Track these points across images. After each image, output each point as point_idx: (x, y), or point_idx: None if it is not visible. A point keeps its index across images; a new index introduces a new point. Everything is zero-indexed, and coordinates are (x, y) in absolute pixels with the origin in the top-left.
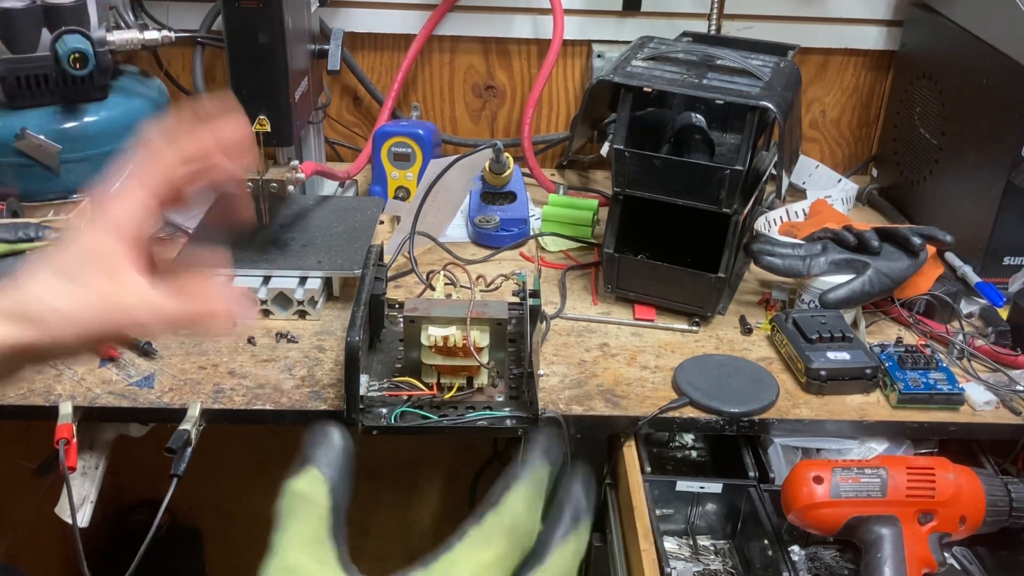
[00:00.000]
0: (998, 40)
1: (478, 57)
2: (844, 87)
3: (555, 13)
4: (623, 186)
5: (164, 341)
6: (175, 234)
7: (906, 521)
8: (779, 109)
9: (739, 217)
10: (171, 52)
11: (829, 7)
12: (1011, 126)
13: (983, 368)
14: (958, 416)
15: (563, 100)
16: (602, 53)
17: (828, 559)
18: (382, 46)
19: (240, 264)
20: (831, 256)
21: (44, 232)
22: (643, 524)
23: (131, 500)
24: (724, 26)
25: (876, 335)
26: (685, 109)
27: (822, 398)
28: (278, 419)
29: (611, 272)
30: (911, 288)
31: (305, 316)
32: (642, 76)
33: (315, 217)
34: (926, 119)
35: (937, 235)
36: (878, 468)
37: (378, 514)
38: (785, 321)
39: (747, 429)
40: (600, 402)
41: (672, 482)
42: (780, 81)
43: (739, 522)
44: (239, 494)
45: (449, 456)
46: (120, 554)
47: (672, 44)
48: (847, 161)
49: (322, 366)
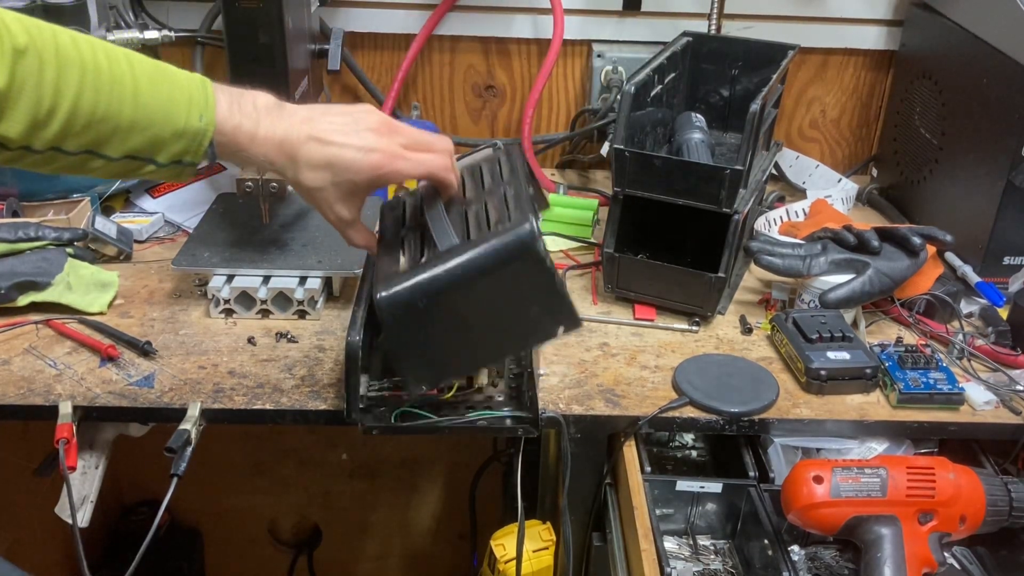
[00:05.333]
0: (998, 40)
1: (478, 57)
2: (844, 87)
3: (555, 13)
4: (623, 186)
5: (164, 341)
6: (175, 233)
7: (906, 521)
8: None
9: (739, 217)
10: (171, 52)
11: (829, 7)
12: (1011, 126)
13: (983, 368)
14: (958, 416)
15: (563, 100)
16: (602, 53)
17: (828, 559)
18: (382, 46)
19: (240, 264)
20: (831, 256)
21: (44, 232)
22: (643, 524)
23: (131, 500)
24: (724, 26)
25: (876, 335)
26: (685, 109)
27: (822, 398)
28: (278, 419)
29: (611, 272)
30: (911, 288)
31: (305, 316)
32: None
33: (315, 217)
34: (926, 119)
35: (937, 235)
36: (878, 468)
37: (378, 514)
38: (785, 321)
39: (747, 429)
40: (600, 402)
41: (672, 482)
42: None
43: (739, 522)
44: (239, 494)
45: (449, 456)
46: (120, 554)
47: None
48: (847, 161)
49: (322, 366)
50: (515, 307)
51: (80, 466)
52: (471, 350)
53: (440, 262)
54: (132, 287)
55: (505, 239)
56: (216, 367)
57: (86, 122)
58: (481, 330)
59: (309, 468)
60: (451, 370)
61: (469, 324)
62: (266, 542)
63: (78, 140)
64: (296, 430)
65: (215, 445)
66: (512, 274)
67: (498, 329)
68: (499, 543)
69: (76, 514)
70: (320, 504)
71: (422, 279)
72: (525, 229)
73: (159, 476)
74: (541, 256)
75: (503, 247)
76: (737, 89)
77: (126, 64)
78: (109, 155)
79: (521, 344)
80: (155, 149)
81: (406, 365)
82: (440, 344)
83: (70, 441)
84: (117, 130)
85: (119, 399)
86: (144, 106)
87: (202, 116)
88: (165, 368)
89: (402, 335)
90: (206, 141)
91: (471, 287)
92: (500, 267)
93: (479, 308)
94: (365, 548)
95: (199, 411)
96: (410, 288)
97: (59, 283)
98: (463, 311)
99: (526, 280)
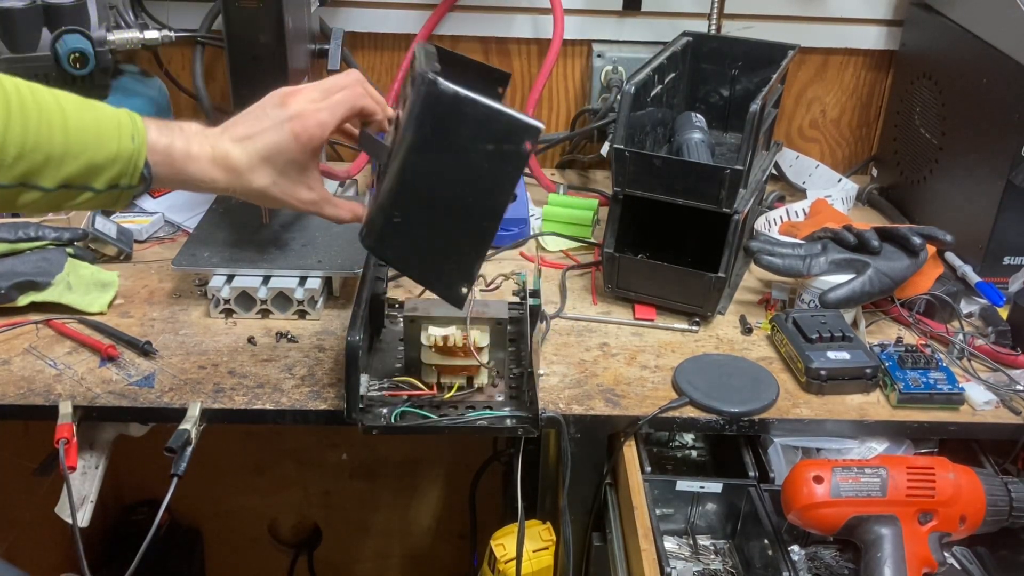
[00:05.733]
0: (998, 40)
1: (478, 57)
2: (844, 87)
3: (555, 13)
4: (623, 186)
5: (164, 341)
6: (175, 233)
7: (906, 521)
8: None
9: (739, 217)
10: (171, 52)
11: (829, 7)
12: (1011, 126)
13: (983, 368)
14: (958, 416)
15: (563, 100)
16: (602, 53)
17: (828, 559)
18: (382, 46)
19: (240, 264)
20: (831, 256)
21: (44, 232)
22: (643, 524)
23: (131, 500)
24: (724, 26)
25: (876, 335)
26: (685, 109)
27: (822, 398)
28: (278, 419)
29: (611, 272)
30: (911, 288)
31: (305, 316)
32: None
33: (315, 217)
34: (926, 119)
35: (937, 235)
36: (878, 468)
37: (378, 514)
38: (785, 321)
39: (747, 429)
40: (600, 402)
41: (672, 482)
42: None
43: (739, 522)
44: (239, 494)
45: (449, 456)
46: (120, 554)
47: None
48: (847, 161)
49: (322, 366)
50: (472, 156)
51: (80, 466)
52: (470, 224)
53: (388, 171)
54: (132, 287)
55: (414, 104)
56: (216, 367)
57: (17, 153)
58: (463, 200)
59: (309, 468)
60: (470, 255)
61: (448, 202)
62: (266, 542)
63: (10, 172)
64: (296, 430)
65: (215, 445)
66: (443, 127)
67: (476, 188)
68: (499, 543)
69: (76, 514)
70: (320, 504)
71: (382, 198)
72: (425, 82)
73: (159, 476)
74: (452, 92)
75: (417, 112)
76: (737, 89)
77: (51, 96)
78: (44, 186)
79: (505, 186)
80: (90, 176)
81: (431, 280)
82: (441, 238)
83: (70, 441)
84: (50, 159)
85: (119, 399)
86: (74, 133)
87: (134, 137)
88: (165, 368)
89: (403, 257)
90: (140, 161)
91: (421, 169)
92: (429, 130)
93: (443, 181)
94: (365, 548)
95: (199, 411)
96: (376, 211)
97: (59, 283)
98: (432, 195)
99: (458, 124)
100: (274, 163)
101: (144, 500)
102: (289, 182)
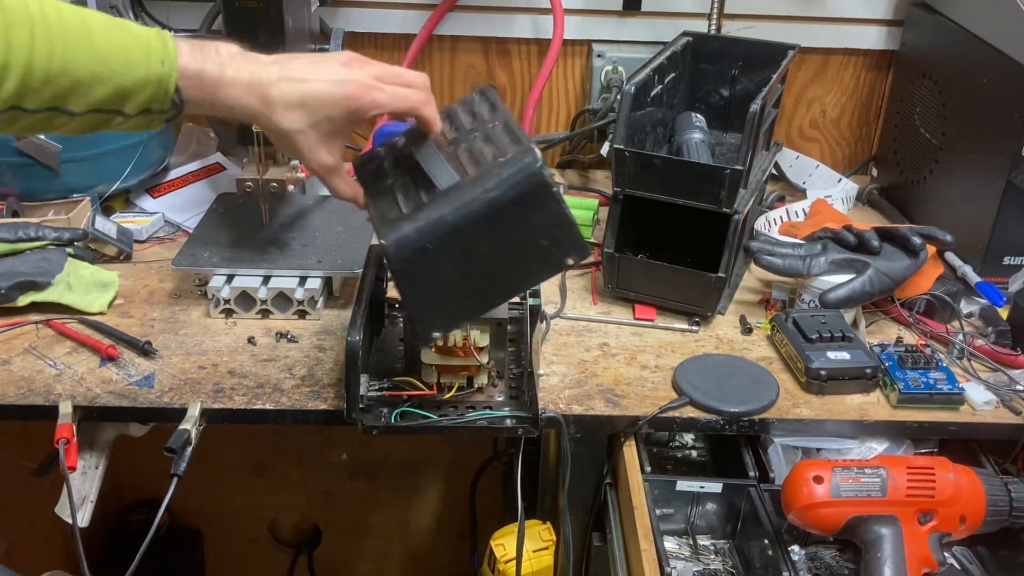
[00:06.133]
0: (998, 40)
1: (478, 57)
2: (844, 87)
3: (555, 13)
4: (623, 186)
5: (164, 341)
6: (175, 233)
7: (906, 521)
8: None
9: (739, 217)
10: None
11: (829, 7)
12: (1011, 126)
13: (983, 368)
14: (958, 416)
15: (563, 100)
16: (602, 53)
17: (828, 559)
18: (382, 46)
19: (240, 264)
20: (831, 256)
21: (44, 232)
22: (643, 524)
23: (131, 500)
24: (724, 26)
25: (876, 335)
26: (685, 109)
27: (822, 398)
28: (278, 419)
29: (611, 272)
30: (911, 288)
31: (305, 316)
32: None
33: (315, 217)
34: (926, 119)
35: (937, 235)
36: (878, 468)
37: (378, 514)
38: (785, 321)
39: (747, 429)
40: (600, 402)
41: (672, 482)
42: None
43: (739, 522)
44: (239, 494)
45: (449, 456)
46: (120, 554)
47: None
48: (847, 161)
49: (322, 366)
50: (525, 241)
51: (80, 466)
52: (483, 289)
53: (446, 201)
54: (132, 287)
55: (512, 171)
56: (216, 367)
57: (44, 77)
58: (492, 267)
59: (309, 468)
60: (464, 312)
61: (479, 262)
62: (266, 542)
63: (38, 97)
64: (296, 430)
65: (215, 445)
66: (522, 207)
67: (509, 265)
68: (499, 543)
69: (76, 514)
70: (320, 504)
71: (430, 220)
72: (531, 159)
73: (159, 476)
74: (549, 185)
75: (511, 180)
76: (737, 89)
77: (78, 17)
78: (73, 110)
79: (532, 279)
80: (120, 100)
81: (418, 311)
82: (451, 285)
83: (70, 441)
84: (78, 83)
85: (119, 399)
86: (102, 56)
87: (164, 61)
88: (165, 368)
89: (412, 279)
90: (171, 86)
91: (480, 224)
92: (509, 201)
93: (489, 245)
94: (365, 548)
95: (199, 411)
96: (418, 230)
97: (59, 283)
98: (473, 249)
99: (535, 212)
100: (311, 112)
101: (144, 500)
102: (316, 136)
